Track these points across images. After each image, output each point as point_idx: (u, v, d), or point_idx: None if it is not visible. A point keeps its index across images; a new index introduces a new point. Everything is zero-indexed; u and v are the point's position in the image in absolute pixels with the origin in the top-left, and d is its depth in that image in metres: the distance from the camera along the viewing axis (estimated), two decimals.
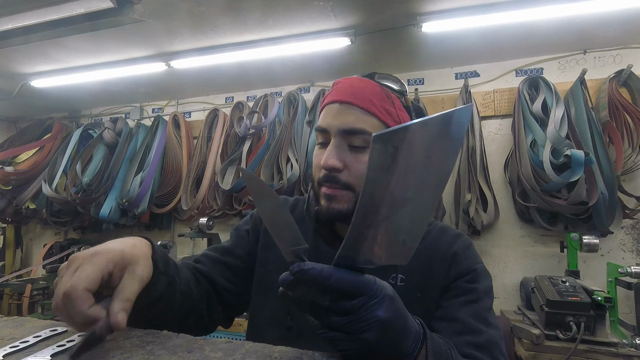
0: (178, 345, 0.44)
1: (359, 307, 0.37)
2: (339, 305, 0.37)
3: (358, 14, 1.75)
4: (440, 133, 0.34)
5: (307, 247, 0.42)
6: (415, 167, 0.34)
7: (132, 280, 0.46)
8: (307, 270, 0.37)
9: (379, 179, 0.33)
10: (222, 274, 0.74)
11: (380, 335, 0.37)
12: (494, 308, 0.65)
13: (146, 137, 2.70)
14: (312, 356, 0.41)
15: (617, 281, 1.55)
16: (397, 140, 0.32)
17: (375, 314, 0.37)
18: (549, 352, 1.44)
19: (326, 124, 0.64)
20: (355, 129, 0.61)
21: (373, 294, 0.38)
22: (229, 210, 2.45)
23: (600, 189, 1.74)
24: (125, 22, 1.69)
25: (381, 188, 0.33)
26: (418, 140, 0.33)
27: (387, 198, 0.34)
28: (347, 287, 0.37)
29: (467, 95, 2.16)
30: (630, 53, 2.00)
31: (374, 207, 0.34)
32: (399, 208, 0.35)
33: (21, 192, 2.81)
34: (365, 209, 0.34)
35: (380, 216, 0.35)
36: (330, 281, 0.37)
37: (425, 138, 0.33)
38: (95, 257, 0.44)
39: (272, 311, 0.71)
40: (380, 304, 0.38)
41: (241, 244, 0.78)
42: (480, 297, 0.62)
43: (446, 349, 0.46)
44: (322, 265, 0.37)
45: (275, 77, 2.51)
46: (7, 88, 2.58)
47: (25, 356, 0.40)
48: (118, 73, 2.35)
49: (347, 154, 0.62)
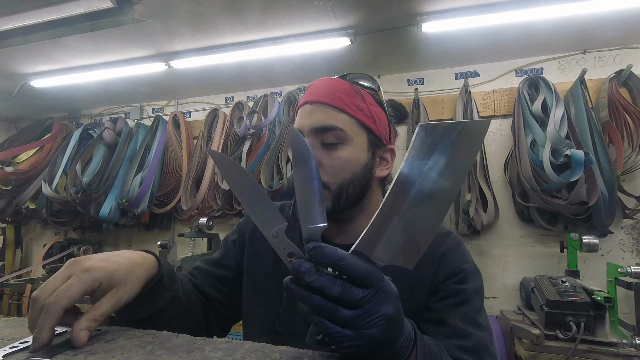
0: (178, 345, 0.44)
1: (369, 299, 0.37)
2: (351, 293, 0.37)
3: (358, 14, 1.75)
4: (471, 137, 0.36)
5: (287, 225, 0.42)
6: (445, 162, 0.36)
7: (109, 301, 0.47)
8: (324, 248, 0.38)
9: (414, 165, 0.35)
10: (213, 286, 0.76)
11: (384, 332, 0.37)
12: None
13: (146, 137, 2.70)
14: (312, 356, 0.41)
15: (617, 281, 1.55)
16: (438, 133, 0.35)
17: (382, 310, 0.37)
18: (549, 352, 1.44)
19: (299, 124, 0.66)
20: (326, 125, 0.63)
21: (381, 287, 0.38)
22: (229, 210, 2.45)
23: (600, 189, 1.74)
24: (125, 22, 1.69)
25: (413, 176, 0.36)
26: (453, 139, 0.35)
27: (415, 188, 0.36)
28: (360, 271, 0.37)
29: (467, 95, 2.15)
30: (630, 53, 2.00)
31: (402, 196, 0.36)
32: (422, 202, 0.37)
33: (21, 192, 2.81)
34: (394, 197, 0.36)
35: (404, 210, 0.37)
36: (344, 262, 0.37)
37: (459, 138, 0.35)
38: (86, 273, 0.46)
39: (262, 318, 0.72)
40: (388, 299, 0.38)
41: (229, 255, 0.80)
42: (470, 297, 0.62)
43: (436, 351, 0.46)
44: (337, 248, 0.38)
45: (275, 77, 2.51)
46: (7, 88, 2.58)
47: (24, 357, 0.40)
48: (118, 73, 2.36)
49: (320, 152, 0.64)
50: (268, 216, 0.42)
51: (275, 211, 0.42)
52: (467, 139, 0.35)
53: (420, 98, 2.26)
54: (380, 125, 0.68)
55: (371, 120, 0.66)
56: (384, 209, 0.37)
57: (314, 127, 0.64)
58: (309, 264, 0.38)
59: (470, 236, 2.12)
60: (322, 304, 0.37)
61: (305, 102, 0.67)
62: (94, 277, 0.46)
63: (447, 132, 0.35)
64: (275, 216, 0.42)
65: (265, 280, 0.74)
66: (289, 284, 0.39)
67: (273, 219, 0.42)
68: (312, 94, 0.67)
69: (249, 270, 0.76)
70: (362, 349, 0.37)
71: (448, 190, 0.37)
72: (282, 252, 0.42)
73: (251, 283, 0.75)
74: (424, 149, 0.35)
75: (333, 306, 0.37)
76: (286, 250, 0.41)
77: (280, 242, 0.41)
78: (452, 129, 0.35)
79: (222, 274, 0.78)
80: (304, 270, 0.38)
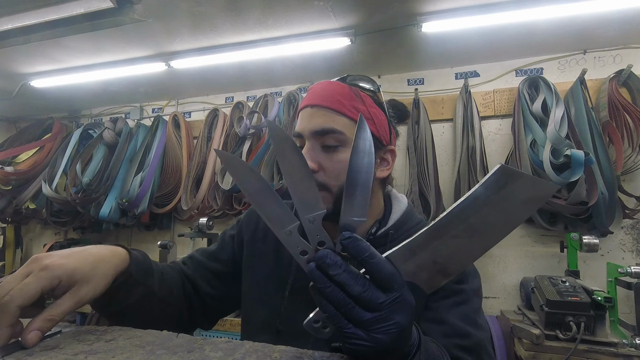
0: (178, 345, 0.44)
1: (387, 305, 0.37)
2: (372, 295, 0.37)
3: (358, 14, 1.75)
4: (539, 194, 0.38)
5: (299, 223, 0.42)
6: (508, 207, 0.37)
7: (69, 300, 0.46)
8: (359, 240, 0.38)
9: (479, 199, 0.37)
10: (205, 277, 0.76)
11: (395, 340, 0.37)
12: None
13: (146, 137, 2.70)
14: (312, 356, 0.41)
15: (617, 281, 1.55)
16: (514, 180, 0.37)
17: (397, 318, 0.37)
18: (549, 352, 1.44)
19: (300, 128, 0.67)
20: (326, 128, 0.64)
21: (401, 295, 0.38)
22: (229, 210, 2.45)
23: (600, 189, 1.74)
24: (125, 22, 1.69)
25: (474, 208, 0.37)
26: (524, 189, 0.37)
27: (471, 219, 0.37)
28: (385, 272, 0.37)
29: (467, 95, 2.15)
30: (630, 53, 2.00)
31: (456, 222, 0.37)
32: (471, 235, 0.38)
33: (21, 192, 2.81)
34: (448, 220, 0.37)
35: (451, 235, 0.38)
36: (374, 259, 0.37)
37: (529, 191, 0.37)
38: (44, 271, 0.44)
39: (263, 317, 0.72)
40: (405, 308, 0.38)
41: (225, 249, 0.80)
42: (469, 297, 0.63)
43: (439, 354, 0.47)
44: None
45: (275, 77, 2.51)
46: (7, 88, 2.58)
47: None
48: (118, 73, 2.35)
49: (321, 155, 0.65)
50: (280, 215, 0.42)
51: (286, 209, 0.42)
52: (534, 194, 0.37)
53: (420, 98, 2.26)
54: (380, 126, 0.68)
55: (371, 122, 0.66)
56: (434, 227, 0.37)
57: (314, 131, 0.65)
58: (335, 256, 0.38)
59: None
60: (341, 299, 0.37)
61: (305, 105, 0.69)
62: (53, 275, 0.44)
63: (522, 182, 0.36)
64: (288, 215, 0.42)
65: (266, 279, 0.74)
66: (314, 270, 0.39)
67: (285, 218, 0.41)
68: (312, 97, 0.68)
69: (249, 268, 0.76)
70: (369, 351, 0.37)
71: (498, 233, 0.38)
72: (295, 250, 0.41)
73: (251, 282, 0.75)
74: (495, 188, 0.37)
75: (351, 303, 0.37)
76: (299, 248, 0.41)
77: (293, 241, 0.41)
78: (527, 181, 0.36)
79: (215, 268, 0.77)
80: (330, 263, 0.38)
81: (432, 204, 2.06)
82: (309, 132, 0.65)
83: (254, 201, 0.43)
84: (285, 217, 0.41)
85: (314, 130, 0.65)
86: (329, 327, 0.41)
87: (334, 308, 0.38)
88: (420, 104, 2.24)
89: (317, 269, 0.38)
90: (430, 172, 2.11)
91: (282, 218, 0.41)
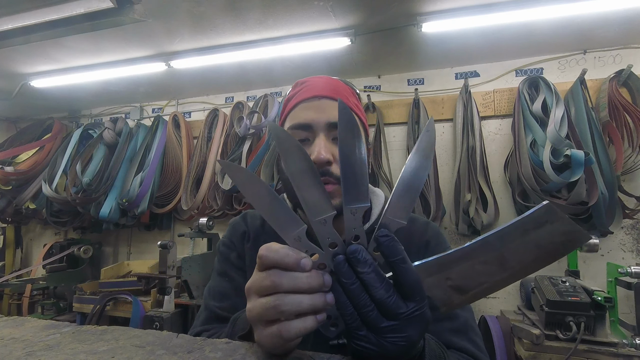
0: (178, 345, 0.44)
1: (405, 316, 0.36)
2: (393, 302, 0.36)
3: (358, 14, 1.75)
4: (572, 239, 0.37)
5: (306, 227, 0.41)
6: (540, 245, 0.37)
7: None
8: (396, 241, 0.37)
9: (516, 232, 0.37)
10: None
11: (402, 351, 0.37)
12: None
13: (146, 137, 2.70)
14: (312, 356, 0.41)
15: (617, 281, 1.55)
16: (553, 218, 0.36)
17: (410, 332, 0.36)
18: (549, 352, 1.44)
19: (310, 119, 0.63)
20: None
21: (421, 308, 0.37)
22: (229, 210, 2.45)
23: (600, 189, 1.74)
24: (125, 22, 1.69)
25: (508, 239, 0.37)
26: (562, 232, 0.36)
27: (502, 249, 0.37)
28: (413, 280, 0.36)
29: (467, 95, 2.15)
30: (630, 53, 2.00)
31: (487, 249, 0.37)
32: (497, 264, 0.37)
33: (21, 192, 2.81)
34: (482, 246, 0.37)
35: (478, 261, 0.37)
36: (406, 264, 0.36)
37: (564, 234, 0.37)
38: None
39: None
40: (419, 324, 0.37)
41: (232, 269, 0.73)
42: None
43: (440, 353, 0.46)
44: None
45: (275, 77, 2.51)
46: (7, 88, 2.58)
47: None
48: (118, 73, 2.36)
49: (334, 147, 0.63)
50: (287, 221, 0.41)
51: (293, 214, 0.41)
52: (568, 238, 0.37)
53: (420, 98, 2.26)
54: (366, 124, 0.72)
55: (364, 120, 0.71)
56: (466, 249, 0.37)
57: (330, 122, 0.62)
58: (367, 254, 0.37)
59: (470, 236, 2.12)
60: (363, 300, 0.36)
61: (312, 96, 0.65)
62: None
63: (561, 224, 0.36)
64: (295, 220, 0.41)
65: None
66: (343, 262, 0.37)
67: (293, 223, 0.41)
68: (318, 89, 0.65)
69: (250, 269, 0.75)
70: (375, 355, 0.37)
71: (526, 268, 0.38)
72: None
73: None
74: (535, 223, 0.36)
75: (372, 306, 0.36)
76: (308, 252, 0.40)
77: (302, 245, 0.40)
78: (566, 225, 0.36)
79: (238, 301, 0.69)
80: (361, 259, 0.36)
81: (432, 204, 2.06)
82: (325, 123, 0.62)
83: (262, 210, 0.42)
84: (292, 222, 0.41)
85: (330, 122, 0.62)
86: (337, 326, 0.40)
87: (353, 307, 0.36)
88: (420, 104, 2.24)
89: (345, 262, 0.37)
90: (430, 172, 2.11)
91: (290, 224, 0.41)
